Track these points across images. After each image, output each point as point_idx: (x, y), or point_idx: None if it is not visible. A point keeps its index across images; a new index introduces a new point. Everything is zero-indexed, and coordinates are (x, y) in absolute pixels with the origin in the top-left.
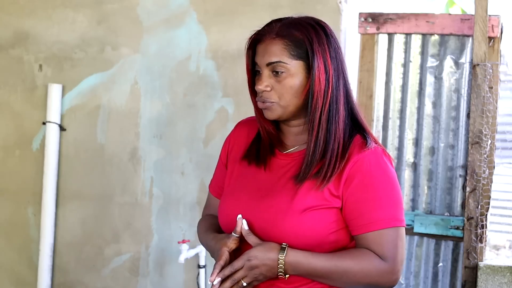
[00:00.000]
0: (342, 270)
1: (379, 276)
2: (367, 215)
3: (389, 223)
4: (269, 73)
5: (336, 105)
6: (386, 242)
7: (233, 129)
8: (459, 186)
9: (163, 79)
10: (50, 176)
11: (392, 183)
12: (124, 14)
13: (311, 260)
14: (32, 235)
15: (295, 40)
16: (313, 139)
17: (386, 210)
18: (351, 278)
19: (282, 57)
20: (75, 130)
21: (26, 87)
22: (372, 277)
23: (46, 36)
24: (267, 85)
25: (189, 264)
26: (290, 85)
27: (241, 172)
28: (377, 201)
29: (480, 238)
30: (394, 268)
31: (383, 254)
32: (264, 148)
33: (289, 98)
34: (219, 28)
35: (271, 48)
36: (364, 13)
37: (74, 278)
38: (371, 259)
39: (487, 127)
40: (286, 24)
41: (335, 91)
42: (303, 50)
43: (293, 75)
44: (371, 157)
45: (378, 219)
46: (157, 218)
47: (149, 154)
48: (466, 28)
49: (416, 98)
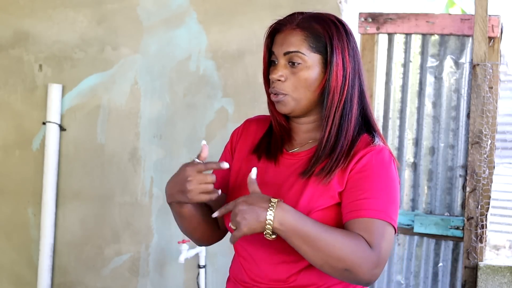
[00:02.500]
0: (330, 240)
1: (363, 261)
2: (359, 202)
3: (379, 214)
4: (285, 63)
5: (350, 103)
6: (375, 231)
7: (241, 125)
8: (459, 186)
9: (163, 79)
10: (50, 176)
11: (392, 182)
12: (124, 14)
13: (302, 219)
14: (32, 235)
15: (315, 33)
16: (325, 135)
17: (380, 203)
18: (336, 252)
19: (300, 48)
20: (75, 130)
21: (26, 87)
22: (355, 259)
23: (46, 36)
24: (281, 75)
25: (189, 264)
26: (305, 77)
27: (249, 168)
28: (373, 192)
29: (480, 238)
30: (379, 259)
31: (370, 241)
32: (274, 144)
33: (302, 91)
34: (219, 28)
35: (290, 38)
36: (364, 13)
37: (74, 278)
38: (361, 241)
39: (487, 127)
40: (308, 17)
41: (350, 89)
42: (322, 44)
43: (309, 68)
44: (376, 154)
45: (370, 208)
46: (157, 218)
47: (149, 154)
48: (466, 28)
49: (416, 98)
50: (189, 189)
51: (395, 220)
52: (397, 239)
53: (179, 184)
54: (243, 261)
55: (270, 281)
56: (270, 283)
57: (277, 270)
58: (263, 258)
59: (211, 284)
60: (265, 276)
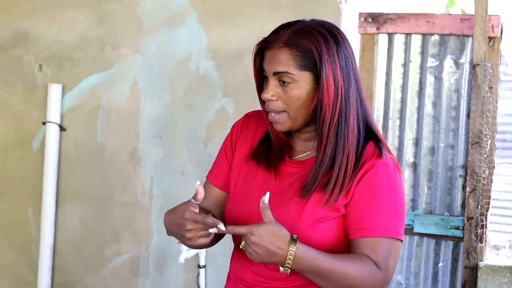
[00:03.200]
0: (343, 272)
1: (373, 283)
2: (366, 220)
3: (386, 232)
4: (276, 82)
5: (345, 117)
6: (382, 250)
7: (241, 121)
8: (459, 186)
9: (163, 79)
10: (50, 176)
11: (398, 196)
12: (124, 14)
13: (317, 257)
14: (32, 235)
15: (303, 51)
16: (321, 153)
17: (386, 220)
18: (349, 281)
19: (289, 68)
20: (75, 130)
21: (26, 87)
22: (367, 283)
23: (46, 36)
24: (273, 95)
25: (189, 264)
26: (296, 96)
27: (249, 172)
28: (379, 209)
29: (480, 238)
30: (386, 277)
31: (377, 261)
32: (274, 153)
33: (296, 109)
34: (219, 28)
35: (278, 58)
36: (364, 13)
37: (74, 278)
38: (369, 265)
39: (487, 127)
40: (295, 32)
41: (344, 103)
42: (311, 61)
43: (300, 86)
44: (382, 168)
45: (376, 227)
46: (157, 218)
47: (149, 154)
48: (466, 28)
49: (416, 98)
50: (188, 237)
51: (402, 233)
52: None
53: (178, 228)
54: (246, 262)
55: (271, 280)
56: (271, 282)
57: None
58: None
59: (211, 284)
60: (267, 275)
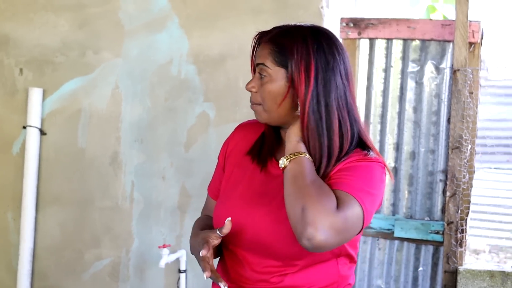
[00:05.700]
0: (311, 180)
1: (323, 210)
2: (340, 180)
3: (356, 193)
4: (258, 75)
5: (326, 122)
6: (347, 202)
7: (233, 132)
8: (439, 191)
9: (144, 83)
10: (30, 180)
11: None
12: (106, 18)
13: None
14: (12, 240)
15: (280, 47)
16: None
17: (358, 186)
18: (306, 190)
19: (265, 61)
20: (56, 134)
21: (6, 91)
22: (318, 203)
23: (27, 39)
24: (253, 86)
25: (169, 269)
26: (269, 90)
27: (242, 170)
28: (354, 177)
29: (460, 242)
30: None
31: (338, 205)
32: (268, 146)
33: (269, 103)
34: (200, 32)
35: (261, 51)
36: (346, 18)
37: (54, 283)
38: (333, 198)
39: (467, 132)
40: (282, 31)
41: (315, 106)
42: (285, 58)
43: (273, 81)
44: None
45: (349, 185)
46: (137, 222)
47: (130, 158)
48: (447, 33)
49: (397, 103)
50: (205, 267)
51: (368, 210)
52: (378, 244)
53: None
54: (230, 262)
55: (255, 282)
56: (255, 283)
57: (264, 272)
58: (251, 261)
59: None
60: (251, 276)
